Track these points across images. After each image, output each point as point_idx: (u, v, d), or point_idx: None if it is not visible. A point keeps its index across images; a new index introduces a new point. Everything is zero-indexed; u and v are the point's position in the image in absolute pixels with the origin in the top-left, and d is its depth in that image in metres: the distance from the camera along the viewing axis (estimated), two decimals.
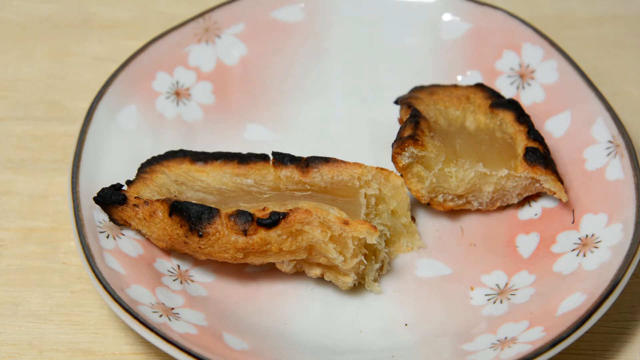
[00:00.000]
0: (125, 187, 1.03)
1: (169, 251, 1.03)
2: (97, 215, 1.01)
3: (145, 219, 1.00)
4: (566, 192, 1.06)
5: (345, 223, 0.96)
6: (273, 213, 0.96)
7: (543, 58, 1.16)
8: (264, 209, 0.97)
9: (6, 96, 1.26)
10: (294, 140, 1.16)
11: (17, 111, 1.24)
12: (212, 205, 0.99)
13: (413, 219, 1.06)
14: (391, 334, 0.99)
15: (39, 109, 1.24)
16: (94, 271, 0.95)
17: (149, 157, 1.08)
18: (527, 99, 1.15)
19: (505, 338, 0.95)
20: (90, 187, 1.03)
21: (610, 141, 1.06)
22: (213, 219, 0.97)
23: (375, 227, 0.96)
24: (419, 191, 1.06)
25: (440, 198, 1.07)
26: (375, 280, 1.02)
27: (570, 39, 1.32)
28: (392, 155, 1.05)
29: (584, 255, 1.00)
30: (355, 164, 1.03)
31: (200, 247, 0.98)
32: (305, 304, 1.02)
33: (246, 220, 0.96)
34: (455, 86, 1.15)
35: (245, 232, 0.96)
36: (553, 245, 1.04)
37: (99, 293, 0.98)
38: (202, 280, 1.03)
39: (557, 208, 1.07)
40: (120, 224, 1.01)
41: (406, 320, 1.00)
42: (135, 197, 1.00)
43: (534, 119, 1.12)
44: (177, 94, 1.16)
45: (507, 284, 1.02)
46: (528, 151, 1.06)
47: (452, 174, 1.06)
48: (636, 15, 1.37)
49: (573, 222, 1.04)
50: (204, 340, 0.93)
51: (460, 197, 1.07)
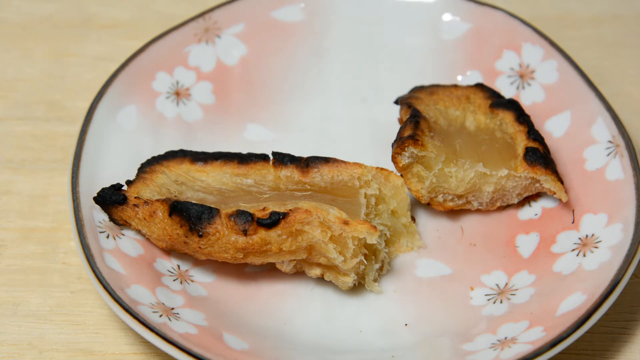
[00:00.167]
0: (125, 187, 1.03)
1: (169, 251, 1.03)
2: (97, 215, 1.01)
3: (145, 219, 1.00)
4: (566, 192, 1.06)
5: (345, 223, 0.96)
6: (273, 213, 0.96)
7: (543, 58, 1.16)
8: (264, 209, 0.97)
9: (6, 96, 1.26)
10: (294, 140, 1.16)
11: (17, 111, 1.24)
12: (212, 205, 0.99)
13: (413, 219, 1.06)
14: (391, 334, 0.99)
15: (39, 109, 1.24)
16: (94, 271, 0.95)
17: (149, 157, 1.08)
18: (527, 99, 1.15)
19: (505, 338, 0.95)
20: (90, 187, 1.03)
21: (610, 141, 1.06)
22: (213, 219, 0.97)
23: (375, 227, 0.96)
24: (419, 191, 1.06)
25: (440, 198, 1.07)
26: (375, 280, 1.02)
27: (570, 39, 1.32)
28: (392, 155, 1.05)
29: (584, 255, 1.00)
30: (355, 164, 1.03)
31: (200, 247, 0.98)
32: (305, 304, 1.02)
33: (246, 220, 0.96)
34: (455, 86, 1.14)
35: (245, 232, 0.96)
36: (553, 245, 1.04)
37: (99, 293, 0.98)
38: (202, 280, 1.03)
39: (557, 208, 1.07)
40: (120, 224, 1.01)
41: (406, 320, 1.00)
42: (135, 197, 1.00)
43: (534, 119, 1.12)
44: (177, 94, 1.16)
45: (507, 284, 1.02)
46: (528, 151, 1.05)
47: (452, 174, 1.06)
48: (636, 15, 1.37)
49: (573, 222, 1.04)
50: (204, 340, 0.93)
51: (460, 197, 1.07)
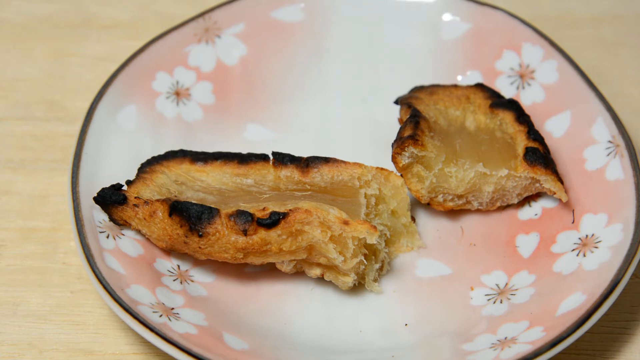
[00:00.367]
0: (125, 187, 1.03)
1: (169, 251, 1.03)
2: (97, 215, 1.01)
3: (145, 219, 1.00)
4: (566, 192, 1.06)
5: (345, 223, 0.96)
6: (273, 213, 0.96)
7: (543, 58, 1.16)
8: (264, 209, 0.97)
9: (6, 96, 1.26)
10: (294, 140, 1.16)
11: (17, 111, 1.24)
12: (212, 205, 0.99)
13: (413, 219, 1.06)
14: (391, 334, 0.99)
15: (39, 109, 1.24)
16: (94, 271, 0.95)
17: (149, 157, 1.08)
18: (527, 99, 1.15)
19: (505, 338, 0.95)
20: (90, 187, 1.03)
21: (610, 141, 1.06)
22: (213, 219, 0.97)
23: (375, 227, 0.96)
24: (419, 191, 1.06)
25: (440, 198, 1.07)
26: (375, 280, 1.02)
27: (570, 39, 1.32)
28: (392, 155, 1.05)
29: (584, 255, 1.00)
30: (355, 164, 1.03)
31: (200, 247, 0.98)
32: (305, 304, 1.02)
33: (246, 220, 0.96)
34: (455, 86, 1.14)
35: (245, 232, 0.96)
36: (553, 245, 1.04)
37: (99, 293, 0.98)
38: (202, 280, 1.03)
39: (557, 208, 1.07)
40: (120, 224, 1.01)
41: (406, 320, 1.00)
42: (135, 197, 1.00)
43: (534, 119, 1.12)
44: (177, 94, 1.16)
45: (507, 284, 1.02)
46: (528, 151, 1.05)
47: (452, 174, 1.06)
48: (636, 15, 1.37)
49: (573, 222, 1.04)
50: (204, 340, 0.93)
51: (460, 197, 1.07)
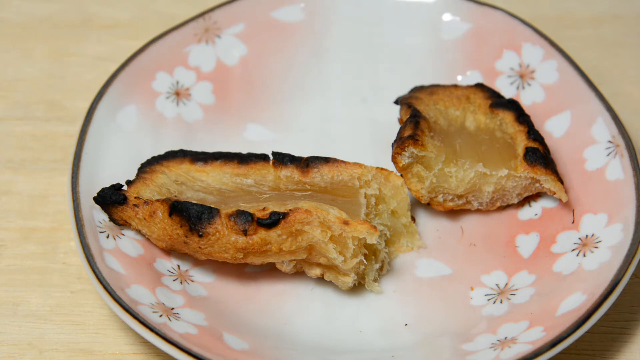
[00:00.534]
0: (125, 187, 1.03)
1: (169, 251, 1.03)
2: (97, 215, 1.01)
3: (145, 219, 1.00)
4: (566, 192, 1.06)
5: (345, 223, 0.96)
6: (273, 213, 0.96)
7: (543, 58, 1.16)
8: (264, 209, 0.97)
9: (6, 96, 1.26)
10: (294, 140, 1.16)
11: (17, 111, 1.24)
12: (212, 205, 0.99)
13: (413, 219, 1.06)
14: (391, 334, 0.99)
15: (39, 109, 1.24)
16: (94, 271, 0.95)
17: (149, 157, 1.08)
18: (527, 99, 1.15)
19: (505, 338, 0.95)
20: (90, 187, 1.03)
21: (610, 141, 1.06)
22: (213, 219, 0.97)
23: (375, 227, 0.96)
24: (419, 191, 1.06)
25: (440, 198, 1.07)
26: (375, 280, 1.02)
27: (570, 39, 1.32)
28: (392, 155, 1.05)
29: (584, 255, 1.00)
30: (355, 164, 1.03)
31: (200, 247, 0.98)
32: (305, 304, 1.02)
33: (246, 220, 0.96)
34: (455, 86, 1.14)
35: (245, 232, 0.96)
36: (553, 245, 1.04)
37: (99, 293, 0.98)
38: (202, 280, 1.03)
39: (557, 208, 1.07)
40: (120, 224, 1.01)
41: (406, 320, 1.00)
42: (135, 197, 1.00)
43: (534, 119, 1.12)
44: (177, 94, 1.16)
45: (507, 284, 1.02)
46: (528, 151, 1.05)
47: (452, 174, 1.06)
48: (636, 15, 1.37)
49: (573, 222, 1.04)
50: (204, 340, 0.93)
51: (460, 197, 1.07)
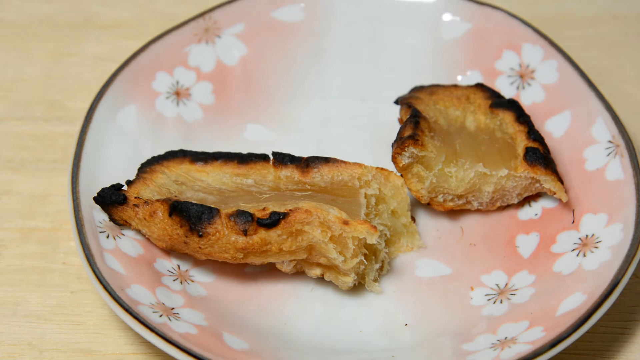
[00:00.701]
0: (125, 187, 1.03)
1: (169, 251, 1.03)
2: (97, 215, 1.01)
3: (145, 219, 1.00)
4: (566, 192, 1.06)
5: (345, 223, 0.96)
6: (273, 213, 0.96)
7: (543, 58, 1.16)
8: (264, 209, 0.97)
9: (6, 96, 1.26)
10: (294, 140, 1.16)
11: (17, 111, 1.24)
12: (212, 205, 0.99)
13: (413, 219, 1.06)
14: (391, 334, 0.99)
15: (39, 109, 1.24)
16: (94, 271, 0.95)
17: (149, 157, 1.08)
18: (527, 99, 1.15)
19: (505, 338, 0.95)
20: (90, 187, 1.03)
21: (610, 141, 1.06)
22: (213, 219, 0.97)
23: (375, 227, 0.96)
24: (419, 191, 1.06)
25: (440, 198, 1.07)
26: (375, 280, 1.02)
27: (570, 39, 1.32)
28: (392, 155, 1.05)
29: (584, 255, 1.00)
30: (355, 164, 1.03)
31: (200, 247, 0.98)
32: (305, 304, 1.02)
33: (246, 220, 0.96)
34: (455, 86, 1.14)
35: (245, 232, 0.96)
36: (553, 245, 1.04)
37: (99, 293, 0.98)
38: (202, 280, 1.03)
39: (557, 208, 1.07)
40: (120, 224, 1.01)
41: (406, 320, 1.00)
42: (135, 197, 1.00)
43: (534, 119, 1.12)
44: (177, 94, 1.16)
45: (507, 284, 1.02)
46: (528, 151, 1.05)
47: (452, 174, 1.06)
48: (636, 15, 1.37)
49: (573, 222, 1.04)
50: (204, 340, 0.93)
51: (460, 197, 1.07)
